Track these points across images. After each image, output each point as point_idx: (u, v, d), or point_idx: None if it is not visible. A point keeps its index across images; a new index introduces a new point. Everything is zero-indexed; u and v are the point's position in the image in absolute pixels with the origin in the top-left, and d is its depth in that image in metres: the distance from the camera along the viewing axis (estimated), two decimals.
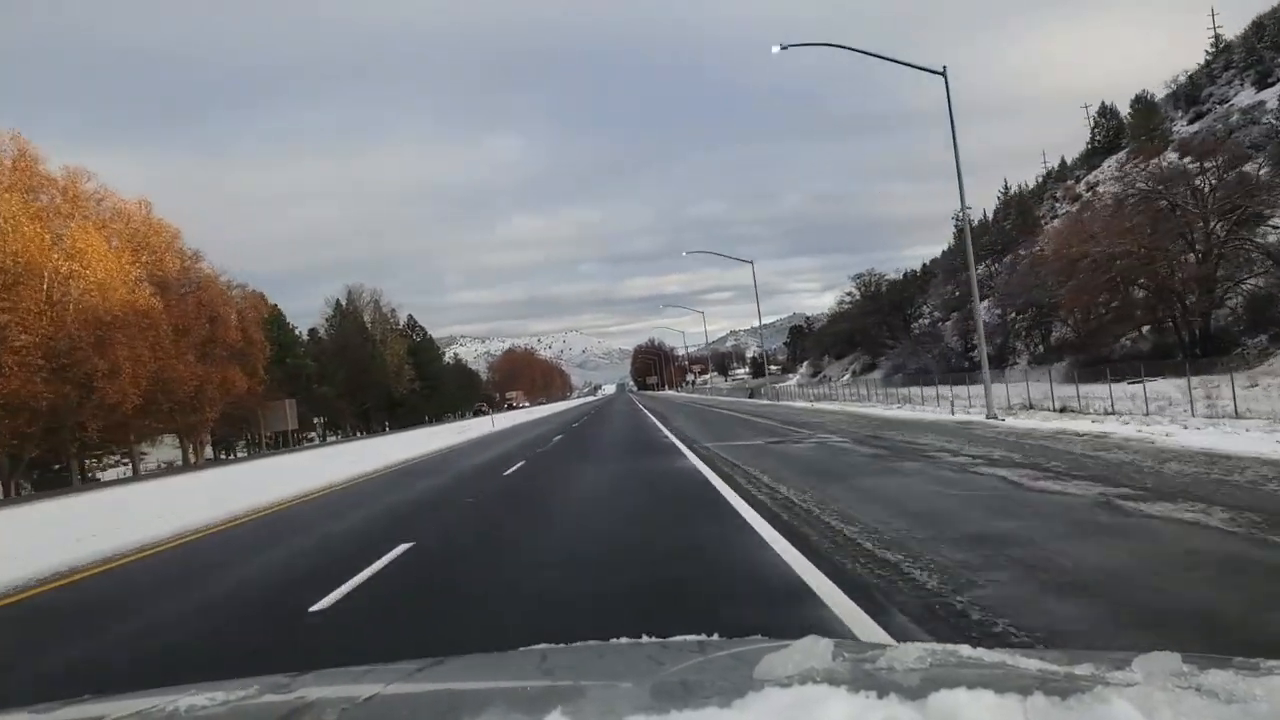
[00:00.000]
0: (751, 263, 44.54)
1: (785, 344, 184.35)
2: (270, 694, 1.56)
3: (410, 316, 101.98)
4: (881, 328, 61.42)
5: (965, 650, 1.50)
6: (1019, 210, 70.51)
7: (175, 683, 1.68)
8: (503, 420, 49.35)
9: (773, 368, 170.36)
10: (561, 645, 1.87)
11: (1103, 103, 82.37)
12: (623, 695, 1.36)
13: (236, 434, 59.46)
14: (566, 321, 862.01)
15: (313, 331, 76.83)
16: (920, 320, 62.14)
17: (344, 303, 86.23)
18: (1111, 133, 79.85)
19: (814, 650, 1.32)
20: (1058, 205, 74.72)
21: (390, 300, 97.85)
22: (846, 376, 65.64)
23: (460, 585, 6.73)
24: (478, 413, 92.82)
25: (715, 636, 1.84)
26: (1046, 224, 68.04)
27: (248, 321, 49.42)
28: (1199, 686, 1.13)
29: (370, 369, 79.85)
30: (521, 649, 1.90)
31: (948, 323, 58.67)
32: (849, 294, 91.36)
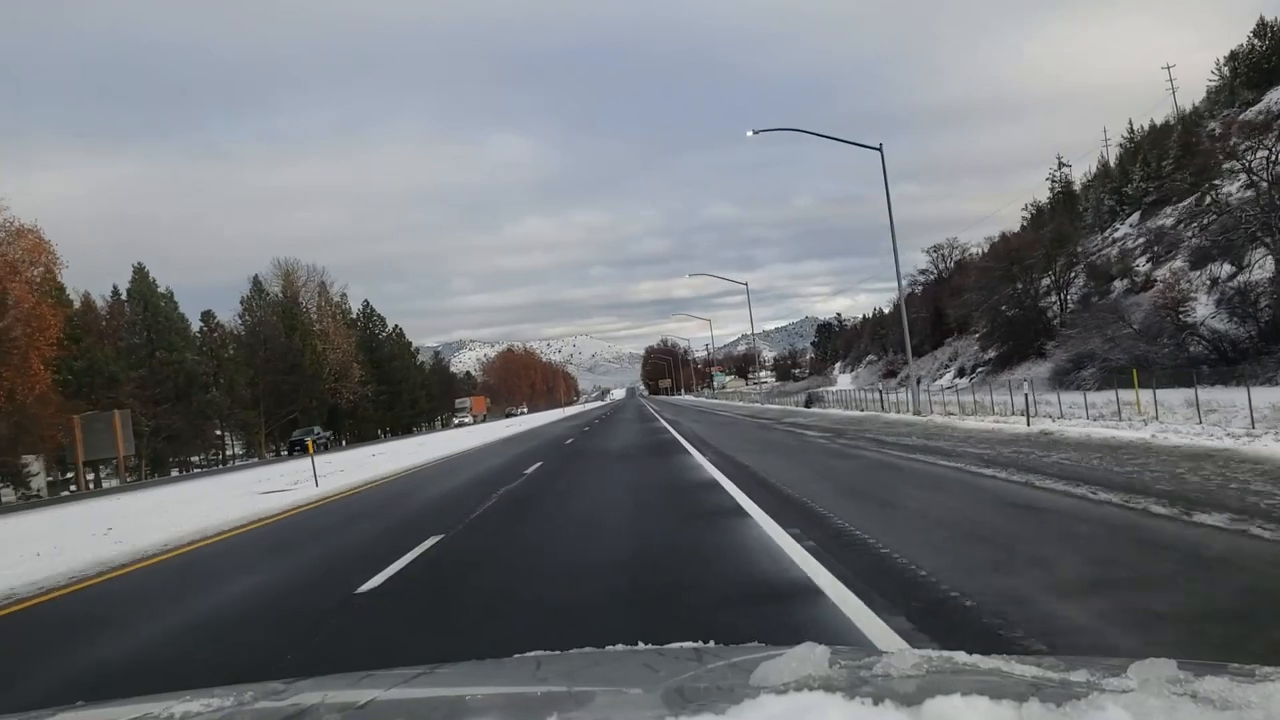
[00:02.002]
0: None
1: (812, 344, 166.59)
2: (265, 700, 1.52)
3: (366, 303, 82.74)
4: (1018, 303, 41.20)
5: (961, 656, 1.47)
6: (1182, 147, 50.72)
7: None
8: (337, 471, 21.96)
9: (796, 370, 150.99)
10: (557, 652, 1.84)
11: (1262, 19, 63.24)
12: (619, 703, 1.38)
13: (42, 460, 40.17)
14: (576, 325, 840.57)
15: (208, 316, 57.15)
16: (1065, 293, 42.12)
17: (268, 282, 66.88)
18: (1273, 57, 60.95)
19: (810, 657, 1.30)
20: (1219, 142, 55.49)
21: (339, 284, 78.66)
22: (948, 376, 45.92)
23: None
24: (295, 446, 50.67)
25: (711, 644, 1.77)
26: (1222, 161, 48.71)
27: (9, 284, 30.15)
28: (1194, 693, 1.11)
29: (299, 368, 60.58)
30: (516, 656, 1.86)
31: (1114, 290, 39.07)
32: (923, 273, 72.02)
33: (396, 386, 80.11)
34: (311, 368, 61.89)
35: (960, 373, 43.91)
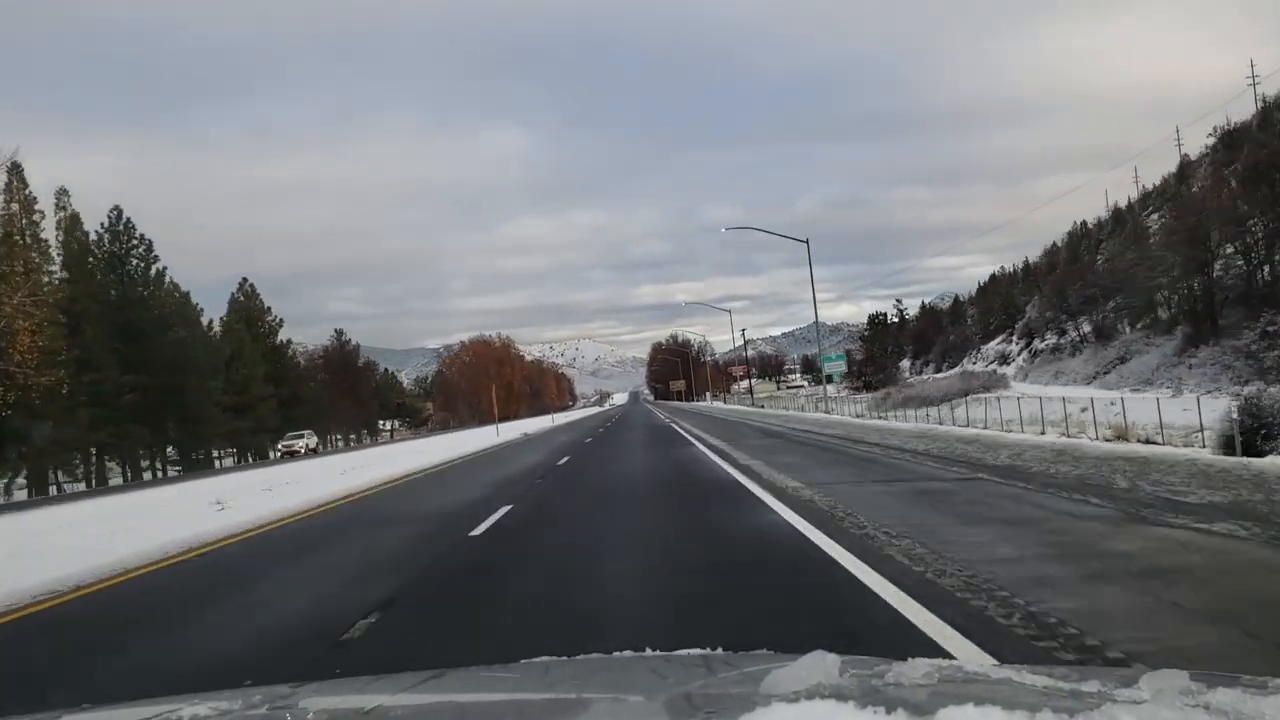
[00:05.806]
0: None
1: (861, 339, 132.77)
2: (272, 704, 1.50)
3: (118, 213, 45.14)
4: None
5: (972, 666, 1.46)
6: None
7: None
8: None
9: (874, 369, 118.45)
10: (565, 658, 1.82)
11: None
12: (627, 710, 1.35)
13: None
14: (579, 329, 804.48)
15: None
16: None
17: None
18: None
19: (820, 666, 1.28)
20: None
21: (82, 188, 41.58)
22: None
23: None
24: None
25: (720, 651, 1.74)
26: None
27: None
28: (1207, 705, 1.10)
29: None
30: (524, 661, 1.83)
31: None
32: (1204, 159, 34.65)
33: (186, 379, 43.30)
34: None
35: None
